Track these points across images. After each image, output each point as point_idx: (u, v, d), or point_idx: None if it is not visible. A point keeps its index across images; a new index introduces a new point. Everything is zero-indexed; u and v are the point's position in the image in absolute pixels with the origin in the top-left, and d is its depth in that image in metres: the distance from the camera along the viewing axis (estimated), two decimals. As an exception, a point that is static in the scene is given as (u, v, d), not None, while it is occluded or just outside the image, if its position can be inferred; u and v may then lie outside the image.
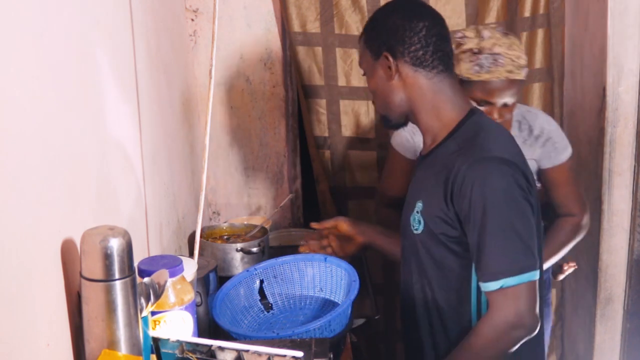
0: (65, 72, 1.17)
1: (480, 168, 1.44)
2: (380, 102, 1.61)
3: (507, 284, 1.42)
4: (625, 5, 2.18)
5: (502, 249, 1.43)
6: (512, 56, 1.89)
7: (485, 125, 1.54)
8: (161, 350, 1.16)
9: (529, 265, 1.43)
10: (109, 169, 1.40)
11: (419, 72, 1.54)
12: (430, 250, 1.55)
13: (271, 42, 2.61)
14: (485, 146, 1.47)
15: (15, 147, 0.96)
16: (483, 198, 1.42)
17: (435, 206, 1.50)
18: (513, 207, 1.43)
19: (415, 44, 1.53)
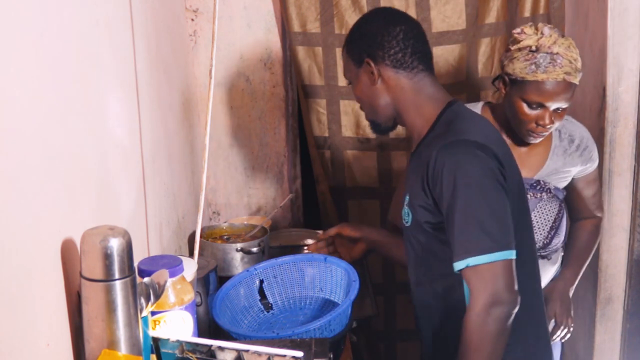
0: (65, 72, 1.17)
1: (450, 151, 1.48)
2: (368, 107, 1.67)
3: (472, 262, 1.44)
4: (625, 5, 2.18)
5: (468, 228, 1.45)
6: (571, 57, 1.82)
7: (461, 112, 1.59)
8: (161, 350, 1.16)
9: (498, 244, 1.44)
10: (109, 169, 1.40)
11: (400, 73, 1.60)
12: (421, 240, 1.59)
13: (271, 42, 2.61)
14: (457, 130, 1.52)
15: (15, 147, 0.96)
16: (453, 179, 1.45)
17: (417, 195, 1.55)
18: (483, 188, 1.46)
19: (394, 47, 1.59)
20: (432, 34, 2.53)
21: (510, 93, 1.90)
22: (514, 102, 1.89)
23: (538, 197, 1.97)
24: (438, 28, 2.53)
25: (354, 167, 2.66)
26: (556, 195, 2.00)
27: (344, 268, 1.73)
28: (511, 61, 1.87)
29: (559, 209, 2.00)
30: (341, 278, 1.75)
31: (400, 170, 2.64)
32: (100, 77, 1.38)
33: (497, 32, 2.56)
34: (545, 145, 2.01)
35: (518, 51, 1.86)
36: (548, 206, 1.98)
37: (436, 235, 1.55)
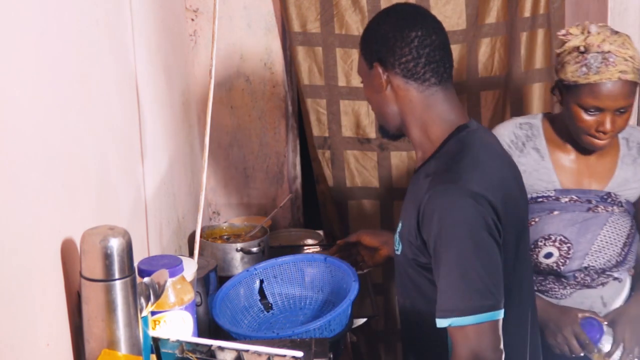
0: (65, 72, 1.17)
1: (444, 198, 1.36)
2: (376, 111, 1.57)
3: (456, 323, 1.34)
4: (625, 5, 2.19)
5: (454, 286, 1.35)
6: (625, 55, 1.68)
7: (468, 143, 1.44)
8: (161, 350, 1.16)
9: (484, 305, 1.33)
10: (109, 169, 1.40)
11: (410, 84, 1.46)
12: (408, 272, 1.50)
13: (271, 42, 2.61)
14: (456, 172, 1.38)
15: (15, 147, 0.96)
16: (442, 230, 1.34)
17: (408, 231, 1.45)
18: (473, 243, 1.34)
19: (406, 55, 1.44)
20: (432, 34, 2.53)
21: (566, 100, 1.75)
22: (571, 109, 1.74)
23: (610, 210, 1.83)
24: (438, 28, 2.53)
25: (354, 167, 2.66)
26: (628, 210, 1.86)
27: (344, 268, 1.73)
28: (562, 66, 1.74)
29: (632, 224, 1.85)
30: (341, 278, 1.75)
31: (400, 170, 2.64)
32: (100, 77, 1.38)
33: (497, 32, 2.56)
34: (613, 154, 1.86)
35: (567, 54, 1.73)
36: (620, 221, 1.83)
37: (424, 275, 1.45)
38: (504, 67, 2.58)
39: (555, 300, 1.85)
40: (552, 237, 1.81)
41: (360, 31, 2.50)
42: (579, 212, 1.82)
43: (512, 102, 2.58)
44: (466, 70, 2.58)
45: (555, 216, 1.82)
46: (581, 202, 1.83)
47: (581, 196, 1.83)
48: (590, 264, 1.81)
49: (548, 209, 1.83)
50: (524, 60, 2.57)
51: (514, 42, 2.55)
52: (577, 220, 1.81)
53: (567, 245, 1.80)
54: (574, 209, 1.82)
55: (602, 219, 1.82)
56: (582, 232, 1.81)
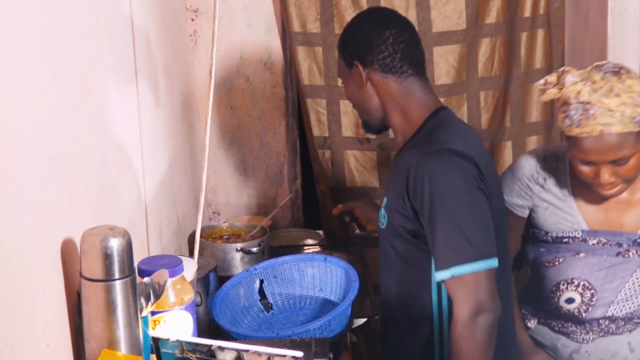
0: (65, 72, 1.17)
1: (432, 160, 1.48)
2: (359, 108, 1.71)
3: (458, 272, 1.45)
4: (626, 5, 2.18)
5: (452, 238, 1.46)
6: (610, 105, 1.50)
7: (447, 120, 1.60)
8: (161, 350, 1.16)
9: (481, 253, 1.45)
10: (109, 169, 1.40)
11: (389, 77, 1.61)
12: (394, 244, 1.60)
13: (271, 42, 2.61)
14: (440, 139, 1.52)
15: (15, 147, 0.96)
16: (434, 189, 1.46)
17: (395, 200, 1.56)
18: (464, 197, 1.47)
19: (383, 51, 1.60)
20: (432, 34, 2.53)
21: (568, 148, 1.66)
22: (571, 158, 1.65)
23: None
24: (438, 28, 2.53)
25: (354, 167, 2.66)
26: None
27: (344, 268, 1.73)
28: (558, 114, 1.64)
29: None
30: (341, 278, 1.75)
31: (400, 170, 2.64)
32: (100, 77, 1.38)
33: (497, 32, 2.56)
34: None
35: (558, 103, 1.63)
36: None
37: (411, 242, 1.55)
38: (504, 67, 2.58)
39: (577, 345, 1.75)
40: (575, 282, 1.68)
41: (360, 31, 2.50)
42: (607, 256, 1.67)
43: (512, 102, 2.59)
44: (466, 70, 2.58)
45: (581, 259, 1.69)
46: (610, 246, 1.67)
47: (611, 239, 1.67)
48: (615, 313, 1.68)
49: (574, 250, 1.70)
50: (524, 60, 2.57)
51: (514, 42, 2.55)
52: (604, 265, 1.67)
53: (590, 292, 1.68)
54: (602, 253, 1.68)
55: (632, 264, 1.67)
56: (608, 279, 1.67)
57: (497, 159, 2.59)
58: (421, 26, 2.51)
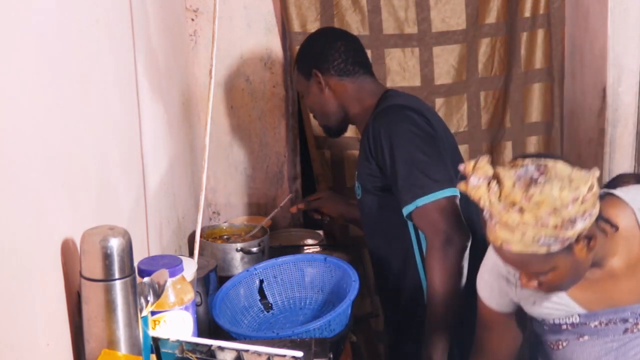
0: (65, 72, 1.17)
1: (383, 116, 1.74)
2: (320, 114, 1.97)
3: (420, 203, 1.65)
4: (626, 5, 2.18)
5: (413, 177, 1.66)
6: (510, 221, 1.25)
7: (393, 93, 1.88)
8: (161, 350, 1.16)
9: (440, 184, 1.65)
10: (109, 169, 1.40)
11: (344, 80, 1.90)
12: (372, 207, 1.84)
13: (271, 42, 2.61)
14: (389, 102, 1.80)
15: (15, 147, 0.96)
16: (389, 137, 1.69)
17: (363, 166, 1.81)
18: (416, 139, 1.68)
19: (337, 59, 1.88)
20: (432, 34, 2.53)
21: None
22: None
23: None
24: (438, 28, 2.53)
25: (353, 167, 2.65)
26: None
27: (344, 268, 1.73)
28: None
29: None
30: (341, 278, 1.75)
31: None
32: (100, 77, 1.38)
33: (497, 32, 2.56)
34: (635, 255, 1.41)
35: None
36: None
37: (384, 196, 1.78)
38: (504, 67, 2.58)
39: None
40: None
41: (360, 31, 2.50)
42: (614, 335, 1.45)
43: (512, 102, 2.59)
44: (466, 70, 2.58)
45: (586, 342, 1.48)
46: (615, 324, 1.45)
47: (613, 317, 1.44)
48: None
49: (577, 334, 1.49)
50: (524, 60, 2.57)
51: (514, 42, 2.56)
52: (612, 347, 1.45)
53: None
54: (607, 333, 1.45)
55: None
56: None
57: (497, 159, 2.59)
58: (421, 26, 2.51)
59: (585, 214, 1.25)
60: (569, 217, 1.23)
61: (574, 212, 1.23)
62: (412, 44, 2.54)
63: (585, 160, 2.44)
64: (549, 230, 1.23)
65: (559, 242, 1.25)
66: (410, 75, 2.57)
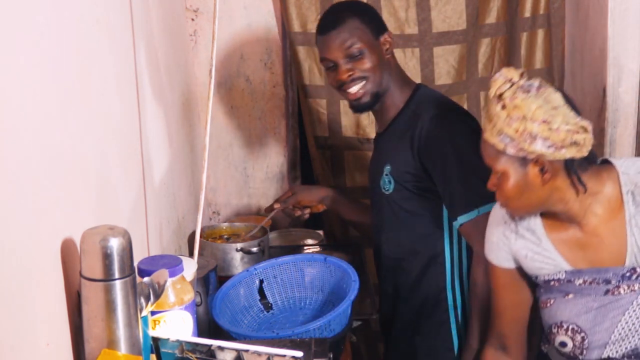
0: (65, 72, 1.17)
1: (442, 120, 1.71)
2: (378, 77, 1.82)
3: (484, 210, 1.65)
4: (626, 5, 2.18)
5: (474, 183, 1.65)
6: (492, 112, 1.45)
7: (434, 93, 1.86)
8: (161, 350, 1.16)
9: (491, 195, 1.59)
10: (109, 169, 1.40)
11: (393, 54, 1.86)
12: (403, 204, 1.81)
13: (271, 42, 2.61)
14: (440, 105, 1.77)
15: (15, 147, 0.96)
16: (449, 144, 1.68)
17: (403, 162, 1.77)
18: (474, 148, 1.59)
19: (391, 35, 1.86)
20: (432, 34, 2.53)
21: None
22: None
23: (637, 289, 1.49)
24: (438, 28, 2.53)
25: (353, 168, 2.66)
26: None
27: (344, 268, 1.73)
28: None
29: None
30: (341, 278, 1.75)
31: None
32: (100, 77, 1.38)
33: (497, 32, 2.56)
34: (617, 216, 1.51)
35: None
36: None
37: (424, 197, 1.77)
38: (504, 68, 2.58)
39: None
40: (564, 325, 1.57)
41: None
42: (596, 295, 1.53)
43: (512, 102, 2.58)
44: (466, 70, 2.58)
45: (569, 300, 1.57)
46: (598, 284, 1.52)
47: (597, 277, 1.52)
48: (611, 354, 1.53)
49: (563, 292, 1.57)
50: (524, 61, 2.57)
51: (514, 42, 2.56)
52: (592, 306, 1.54)
53: (580, 335, 1.56)
54: (590, 293, 1.54)
55: (624, 301, 1.51)
56: (598, 320, 1.53)
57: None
58: (421, 26, 2.51)
59: (548, 141, 1.41)
60: (530, 130, 1.40)
61: (537, 130, 1.40)
62: (412, 44, 2.54)
63: (585, 161, 2.44)
64: (510, 130, 1.41)
65: (514, 146, 1.42)
66: (411, 76, 2.53)
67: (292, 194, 2.21)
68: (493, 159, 1.49)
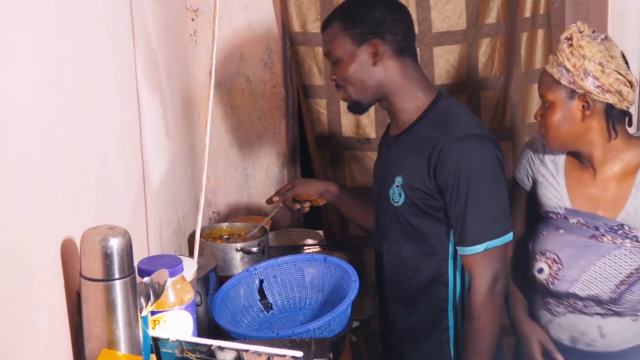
0: (65, 72, 1.17)
1: (463, 145, 1.62)
2: (358, 87, 1.73)
3: (491, 245, 1.62)
4: (626, 5, 2.18)
5: (486, 216, 1.62)
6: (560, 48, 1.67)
7: (456, 105, 1.75)
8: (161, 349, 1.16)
9: (506, 228, 1.65)
10: (109, 169, 1.40)
11: (399, 59, 1.71)
12: (411, 219, 1.73)
13: (271, 42, 2.61)
14: (463, 125, 1.66)
15: (15, 147, 0.96)
16: (468, 171, 1.60)
17: (418, 179, 1.68)
18: (494, 178, 1.63)
19: (400, 33, 1.70)
20: (432, 34, 2.53)
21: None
22: None
23: (618, 243, 1.70)
24: (438, 28, 2.53)
25: (354, 167, 2.66)
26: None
27: (344, 268, 1.73)
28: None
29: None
30: (341, 278, 1.75)
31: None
32: (100, 77, 1.38)
33: (497, 33, 2.56)
34: (628, 178, 1.71)
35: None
36: (627, 257, 1.69)
37: (433, 216, 1.70)
38: (504, 68, 2.58)
39: (550, 316, 1.83)
40: (546, 254, 1.78)
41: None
42: (582, 236, 1.74)
43: (512, 102, 2.59)
44: (466, 70, 2.58)
45: (559, 235, 1.77)
46: (588, 227, 1.74)
47: (589, 221, 1.74)
48: (577, 291, 1.74)
49: (557, 226, 1.78)
50: (524, 61, 2.57)
51: (514, 43, 2.56)
52: (576, 244, 1.74)
53: (557, 266, 1.76)
54: (578, 232, 1.75)
55: (603, 249, 1.71)
56: (576, 257, 1.73)
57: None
58: (421, 26, 2.51)
59: (598, 81, 1.62)
60: (586, 67, 1.62)
61: (592, 68, 1.61)
62: (412, 44, 2.54)
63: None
64: (569, 64, 1.63)
65: (568, 78, 1.64)
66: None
67: (291, 186, 2.12)
68: (546, 88, 1.69)
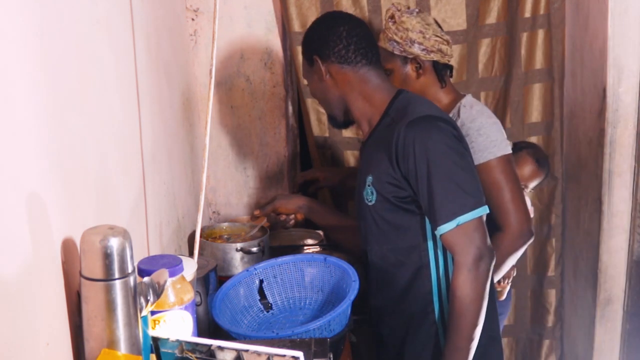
0: (65, 72, 1.17)
1: (417, 127, 1.63)
2: (323, 102, 1.88)
3: (462, 220, 1.60)
4: (626, 5, 2.18)
5: (452, 192, 1.61)
6: (387, 24, 2.07)
7: (413, 97, 1.77)
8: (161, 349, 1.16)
9: (478, 201, 1.62)
10: (109, 169, 1.40)
11: (345, 68, 1.78)
12: (385, 216, 1.73)
13: (271, 42, 2.61)
14: (416, 110, 1.68)
15: (15, 147, 0.96)
16: (426, 152, 1.60)
17: (384, 173, 1.69)
18: (453, 154, 1.63)
19: (337, 44, 1.77)
20: (432, 34, 2.53)
21: None
22: None
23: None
24: (438, 28, 2.53)
25: (354, 167, 2.66)
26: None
27: (344, 268, 1.73)
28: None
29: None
30: (341, 278, 1.75)
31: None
32: (100, 77, 1.38)
33: (497, 33, 2.56)
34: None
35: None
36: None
37: (404, 208, 1.69)
38: (504, 68, 2.58)
39: None
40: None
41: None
42: None
43: (512, 102, 2.59)
44: (466, 70, 2.58)
45: None
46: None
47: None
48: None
49: None
50: (524, 61, 2.57)
51: (514, 43, 2.56)
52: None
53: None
54: None
55: None
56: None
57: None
58: (421, 26, 2.51)
59: (422, 46, 2.02)
60: (410, 37, 2.02)
61: (415, 37, 2.02)
62: (412, 44, 2.54)
63: (585, 161, 2.44)
64: (397, 37, 2.03)
65: (399, 48, 2.03)
66: (411, 76, 2.57)
67: (271, 200, 2.20)
68: (385, 60, 2.00)
